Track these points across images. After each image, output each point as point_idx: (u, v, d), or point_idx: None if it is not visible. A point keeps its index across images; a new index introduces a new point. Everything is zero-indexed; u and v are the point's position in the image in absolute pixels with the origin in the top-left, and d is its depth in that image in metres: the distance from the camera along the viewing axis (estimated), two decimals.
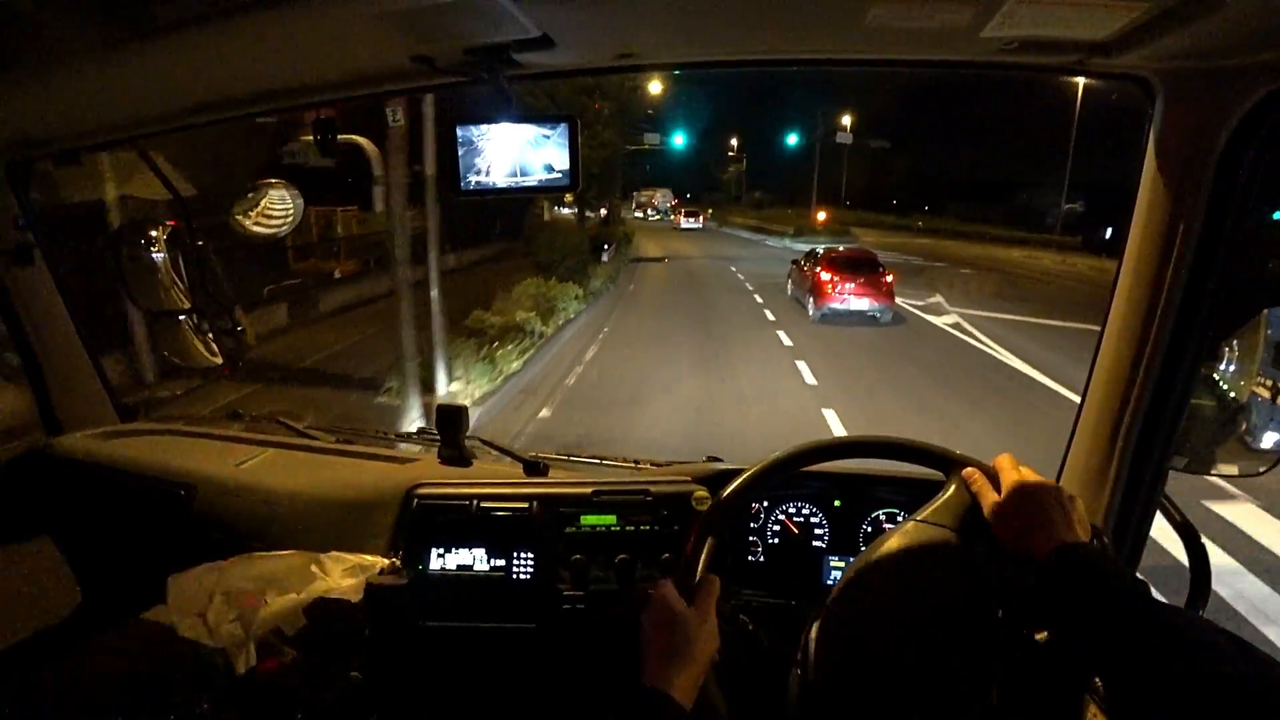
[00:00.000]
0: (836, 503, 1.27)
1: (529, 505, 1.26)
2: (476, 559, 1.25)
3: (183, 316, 1.52)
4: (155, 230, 1.50)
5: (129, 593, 1.35)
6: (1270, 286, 0.95)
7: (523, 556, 1.24)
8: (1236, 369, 0.98)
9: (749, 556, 1.28)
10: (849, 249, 14.64)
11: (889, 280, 11.52)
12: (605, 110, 18.73)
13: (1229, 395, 0.99)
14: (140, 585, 1.20)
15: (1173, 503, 1.05)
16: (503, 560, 1.25)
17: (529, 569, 1.24)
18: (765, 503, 1.28)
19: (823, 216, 37.77)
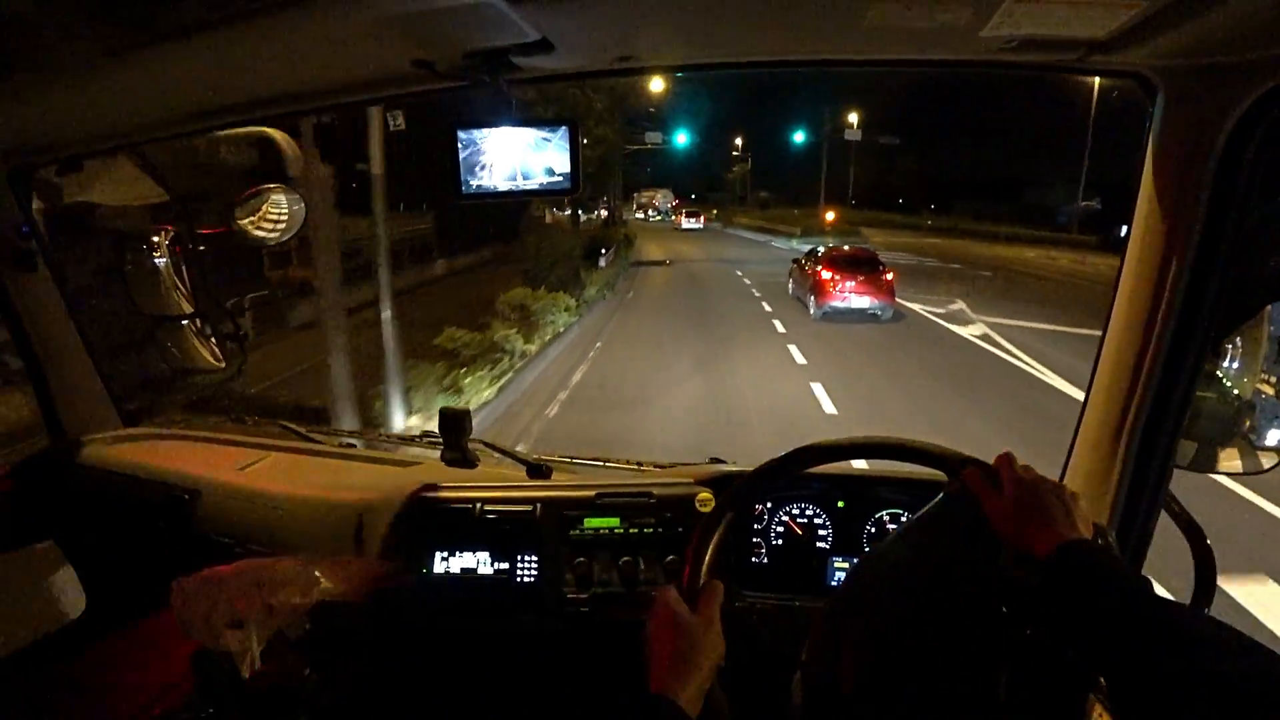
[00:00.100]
0: (840, 504, 1.27)
1: (532, 508, 1.26)
2: (480, 562, 1.25)
3: (185, 321, 1.53)
4: (157, 236, 1.51)
5: (133, 597, 1.36)
6: (1273, 283, 0.94)
7: (526, 559, 1.24)
8: (1240, 366, 0.98)
9: (753, 558, 1.28)
10: (849, 247, 14.68)
11: (889, 278, 11.57)
12: (599, 105, 17.72)
13: (1233, 392, 0.99)
14: (145, 589, 1.21)
15: (1177, 501, 1.05)
16: (506, 563, 1.25)
17: (532, 572, 1.24)
18: (769, 504, 1.28)
19: (831, 216, 36.98)
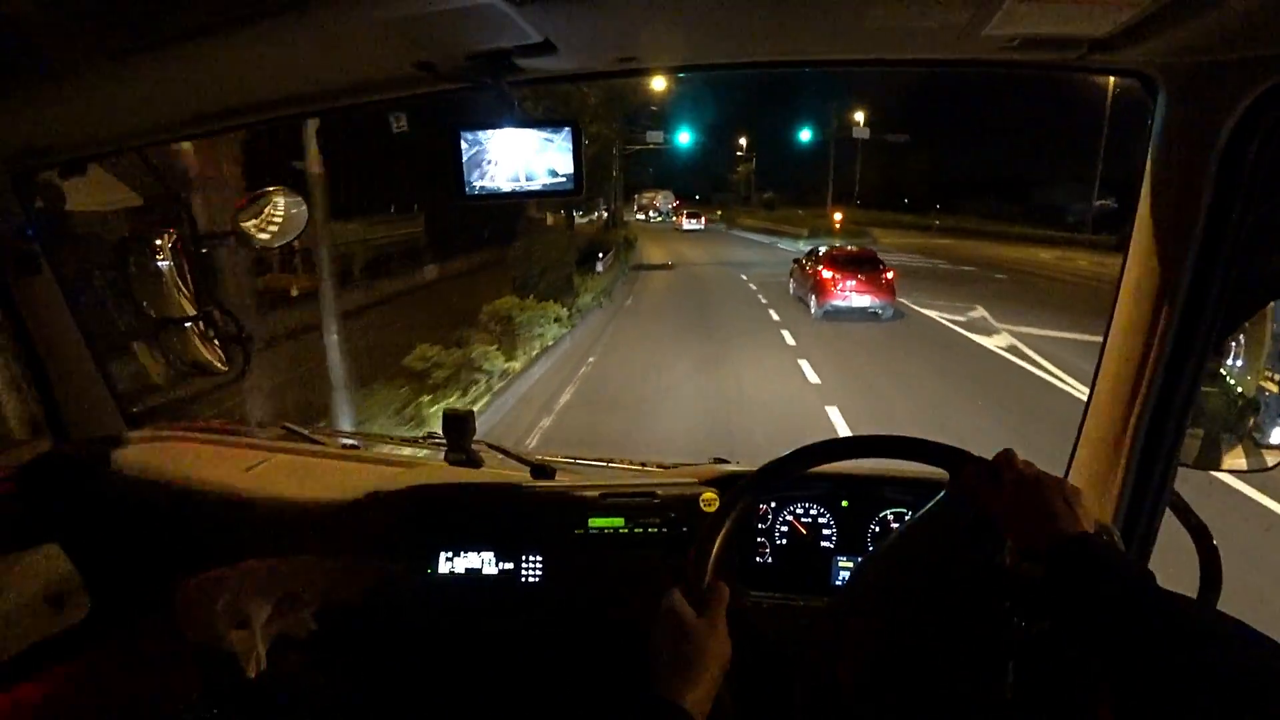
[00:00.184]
0: (844, 503, 1.27)
1: (537, 508, 1.26)
2: (485, 562, 1.25)
3: (189, 323, 1.53)
4: (160, 238, 1.51)
5: (137, 599, 1.36)
6: (1276, 280, 0.94)
7: (531, 559, 1.25)
8: (1244, 364, 0.98)
9: (757, 558, 1.28)
10: (853, 248, 14.77)
11: (889, 277, 11.79)
12: (592, 100, 16.40)
13: (1237, 390, 0.99)
14: (149, 591, 1.21)
15: (1182, 499, 1.05)
16: (511, 563, 1.25)
17: (537, 572, 1.24)
18: (773, 504, 1.28)
19: (838, 217, 36.40)
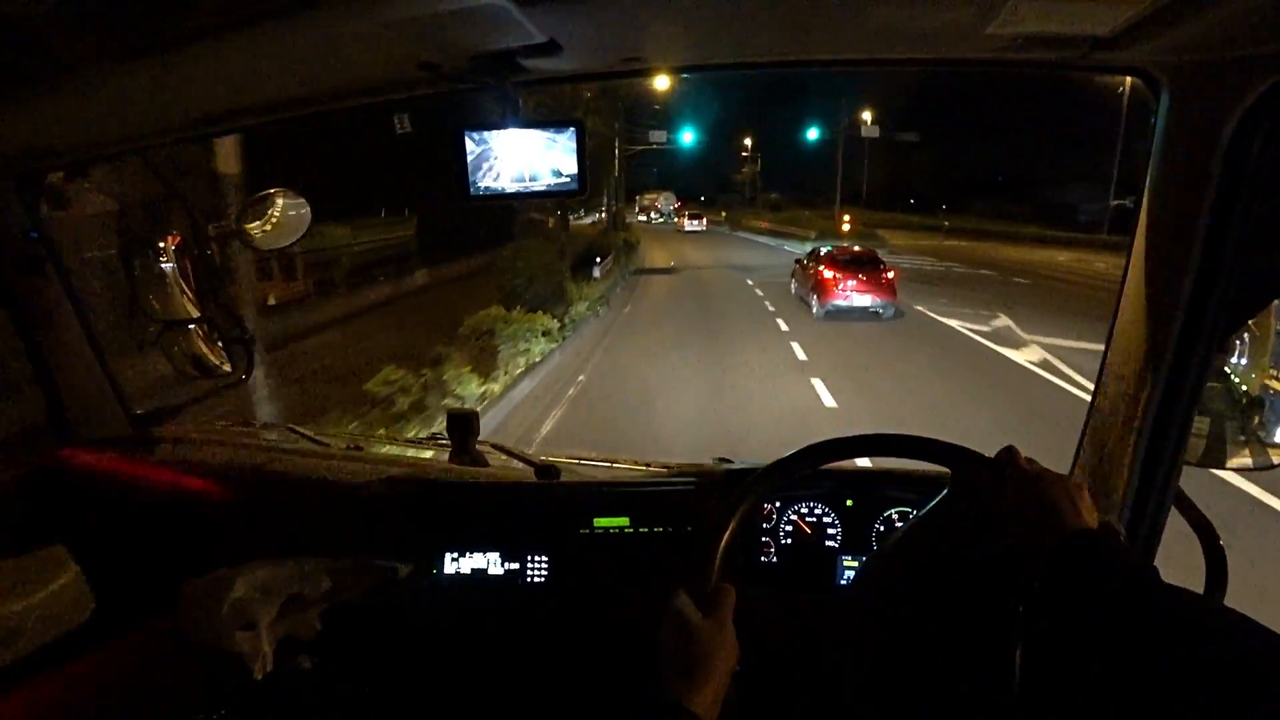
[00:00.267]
0: (849, 502, 1.27)
1: (542, 508, 1.27)
2: (490, 562, 1.25)
3: (193, 325, 1.54)
4: (164, 241, 1.51)
5: (143, 601, 1.36)
6: None
7: (536, 559, 1.25)
8: (1248, 361, 0.98)
9: (762, 557, 1.28)
10: (857, 248, 14.82)
11: (890, 276, 11.95)
12: (587, 94, 15.82)
13: (1241, 388, 0.99)
14: (154, 593, 1.21)
15: (1187, 497, 1.05)
16: (516, 564, 1.25)
17: (542, 572, 1.25)
18: (778, 503, 1.28)
19: (847, 219, 35.37)
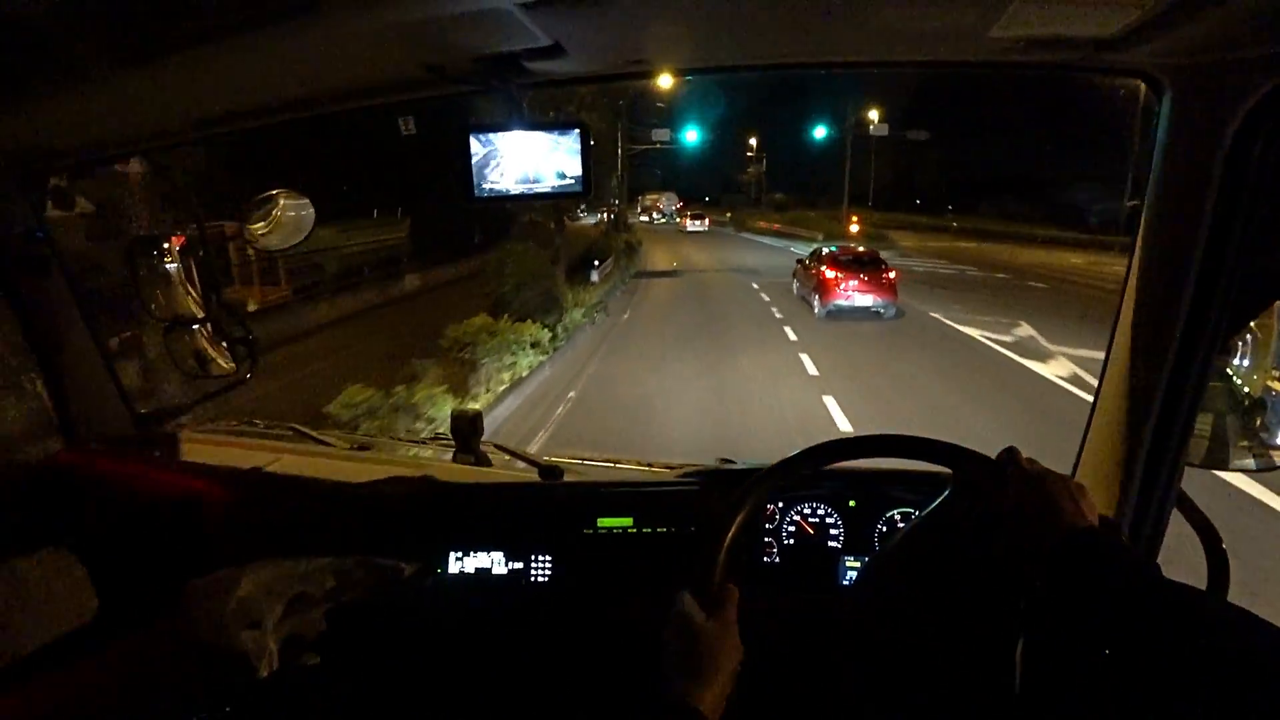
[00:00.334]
0: (851, 503, 1.27)
1: (546, 508, 1.27)
2: (494, 562, 1.26)
3: (196, 325, 1.54)
4: (168, 242, 1.52)
5: (147, 601, 1.37)
6: None
7: (540, 559, 1.25)
8: (1250, 363, 0.98)
9: (764, 558, 1.28)
10: (860, 248, 14.83)
11: (891, 276, 12.05)
12: (583, 90, 14.88)
13: (1244, 389, 0.99)
14: (159, 593, 1.21)
15: (1189, 499, 1.05)
16: (520, 564, 1.25)
17: (546, 571, 1.25)
18: (781, 504, 1.28)
19: (855, 220, 35.12)
